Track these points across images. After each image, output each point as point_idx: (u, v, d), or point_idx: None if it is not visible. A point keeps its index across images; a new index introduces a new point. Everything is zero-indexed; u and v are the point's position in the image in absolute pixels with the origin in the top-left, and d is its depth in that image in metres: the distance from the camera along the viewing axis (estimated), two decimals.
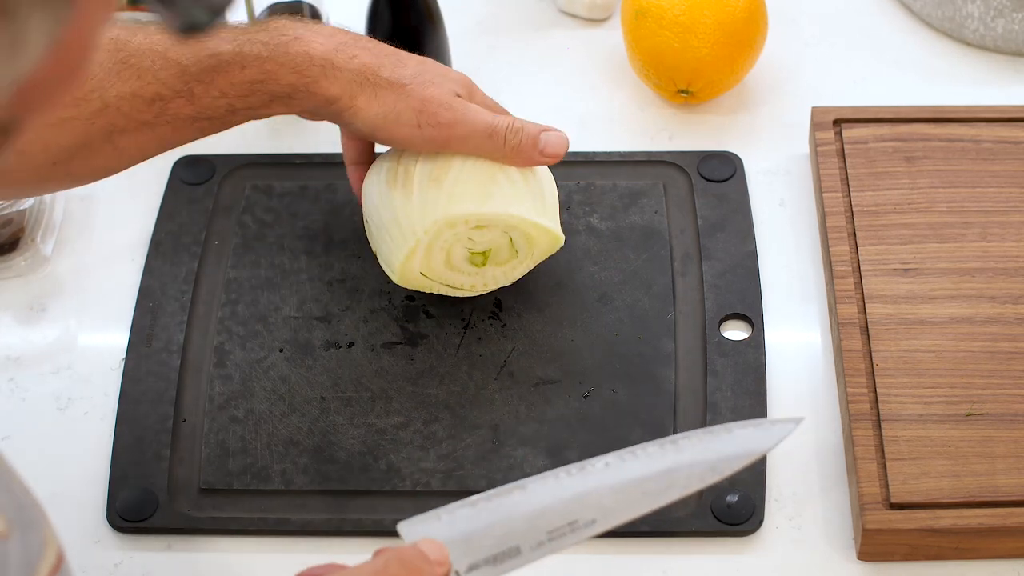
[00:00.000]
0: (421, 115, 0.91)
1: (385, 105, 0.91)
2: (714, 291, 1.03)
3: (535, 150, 0.94)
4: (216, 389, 0.99)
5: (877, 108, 1.10)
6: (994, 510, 0.89)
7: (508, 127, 0.93)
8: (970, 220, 1.03)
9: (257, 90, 0.90)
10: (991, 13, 1.17)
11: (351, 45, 0.92)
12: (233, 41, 0.90)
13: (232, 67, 0.89)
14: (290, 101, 0.92)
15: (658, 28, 1.11)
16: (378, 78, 0.91)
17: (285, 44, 0.90)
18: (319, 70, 0.90)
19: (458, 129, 0.92)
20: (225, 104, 0.90)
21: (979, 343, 0.97)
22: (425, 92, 0.92)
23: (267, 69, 0.90)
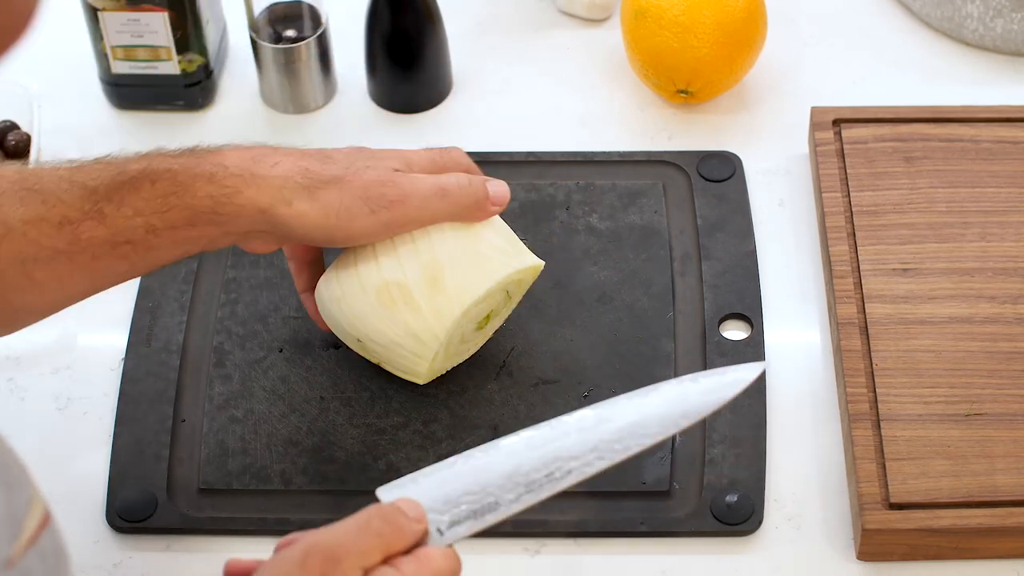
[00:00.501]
0: (369, 201, 0.87)
1: (330, 203, 0.86)
2: (713, 291, 1.03)
3: (487, 202, 0.91)
4: (215, 389, 0.99)
5: (876, 108, 1.10)
6: (993, 510, 0.89)
7: (456, 184, 0.90)
8: (969, 220, 1.03)
9: (173, 204, 0.84)
10: (990, 13, 1.17)
11: (270, 154, 0.87)
12: (141, 160, 0.86)
13: (142, 182, 0.84)
14: (217, 218, 0.84)
15: (657, 28, 1.11)
16: (310, 179, 0.86)
17: (197, 157, 0.86)
18: (238, 180, 0.85)
19: (411, 202, 0.88)
20: (142, 224, 0.83)
21: (978, 343, 0.97)
22: (364, 178, 0.87)
23: (179, 181, 0.84)
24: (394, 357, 0.92)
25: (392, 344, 0.91)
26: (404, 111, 1.17)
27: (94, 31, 1.12)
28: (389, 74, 1.15)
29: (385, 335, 0.91)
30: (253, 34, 1.14)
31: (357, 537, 0.71)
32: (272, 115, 1.17)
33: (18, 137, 1.08)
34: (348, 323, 0.92)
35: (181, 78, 1.15)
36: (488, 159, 1.11)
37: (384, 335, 0.91)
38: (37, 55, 1.21)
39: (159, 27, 1.11)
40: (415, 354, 0.91)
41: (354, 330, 0.92)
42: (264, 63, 1.15)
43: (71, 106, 1.17)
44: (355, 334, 0.92)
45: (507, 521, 0.90)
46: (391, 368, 0.94)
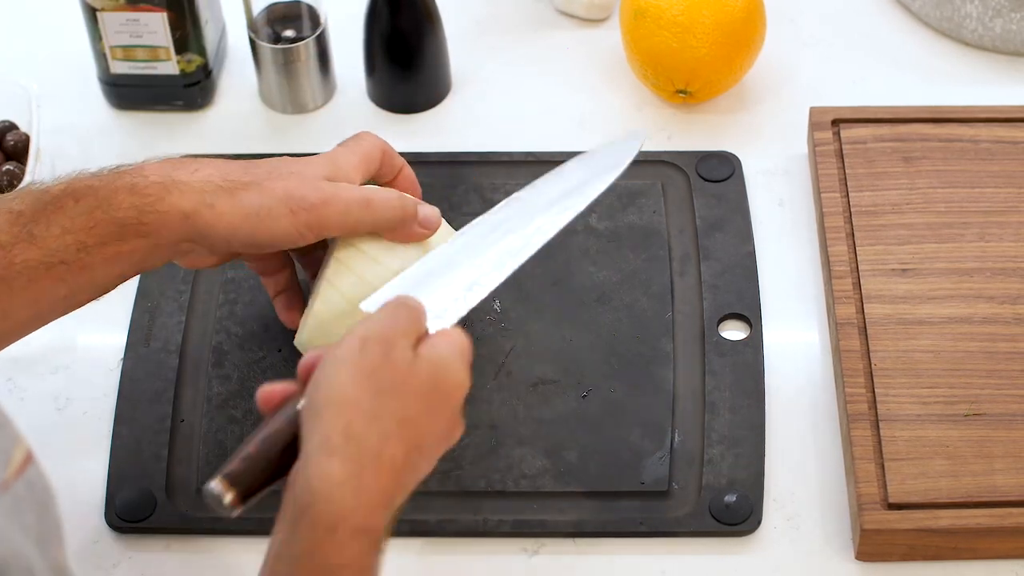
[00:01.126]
0: (290, 201, 0.87)
1: (250, 203, 0.87)
2: (712, 291, 1.03)
3: (415, 221, 0.91)
4: (215, 389, 0.99)
5: (875, 108, 1.10)
6: (992, 510, 0.89)
7: (383, 198, 0.90)
8: (968, 220, 1.03)
9: (99, 219, 0.85)
10: (989, 13, 1.17)
11: (190, 162, 0.88)
12: (63, 181, 0.87)
13: (65, 201, 0.85)
14: (143, 228, 0.85)
15: (656, 28, 1.11)
16: (231, 182, 0.87)
17: (117, 173, 0.87)
18: (159, 187, 0.86)
19: (333, 205, 0.88)
20: (73, 242, 0.84)
21: (977, 343, 0.97)
22: (287, 182, 0.88)
23: (101, 196, 0.85)
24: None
25: None
26: (403, 111, 1.17)
27: (93, 31, 1.12)
28: (388, 74, 1.15)
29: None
30: (252, 34, 1.14)
31: (397, 320, 0.79)
32: (271, 115, 1.17)
33: (17, 137, 1.08)
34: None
35: (180, 78, 1.15)
36: (487, 159, 1.11)
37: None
38: (36, 55, 1.21)
39: (158, 27, 1.11)
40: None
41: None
42: (263, 63, 1.15)
43: (70, 106, 1.17)
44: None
45: (505, 521, 0.90)
46: None
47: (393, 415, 0.75)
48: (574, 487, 0.94)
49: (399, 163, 0.96)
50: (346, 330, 0.86)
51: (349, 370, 0.75)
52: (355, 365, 0.75)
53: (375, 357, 0.76)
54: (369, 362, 0.75)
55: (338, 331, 0.91)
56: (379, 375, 0.75)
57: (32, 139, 1.06)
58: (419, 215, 0.91)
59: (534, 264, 1.03)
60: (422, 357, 0.78)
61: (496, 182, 1.09)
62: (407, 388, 0.76)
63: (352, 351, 0.76)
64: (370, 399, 0.74)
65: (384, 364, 0.76)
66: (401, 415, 0.75)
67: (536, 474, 0.94)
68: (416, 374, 0.77)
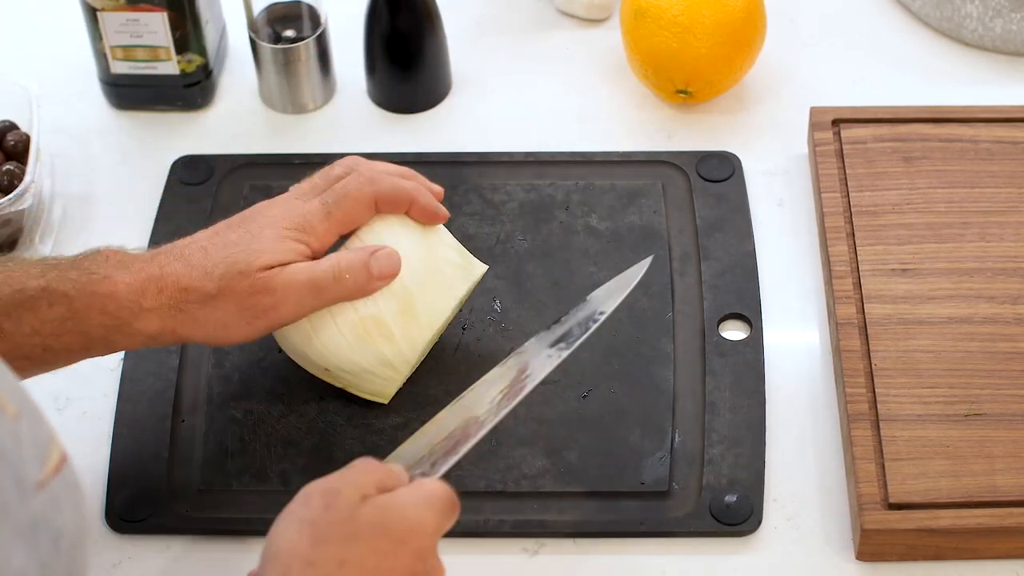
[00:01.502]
0: (245, 313, 0.89)
1: (208, 320, 0.89)
2: (713, 291, 1.03)
3: (371, 279, 0.91)
4: (215, 389, 0.99)
5: (876, 108, 1.10)
6: (992, 510, 0.89)
7: (334, 272, 0.90)
8: (968, 220, 1.03)
9: (69, 329, 0.87)
10: (989, 13, 1.17)
11: (156, 279, 0.88)
12: (42, 277, 0.87)
13: (39, 303, 0.86)
14: (110, 344, 0.89)
15: (657, 28, 1.11)
16: (190, 301, 0.88)
17: (93, 283, 0.88)
18: (128, 312, 0.88)
19: (286, 306, 0.89)
20: (40, 343, 0.87)
21: (977, 343, 0.97)
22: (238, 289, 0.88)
23: (75, 308, 0.87)
24: (363, 383, 0.94)
25: (363, 372, 0.93)
26: (403, 111, 1.17)
27: (93, 31, 1.12)
28: (388, 74, 1.15)
29: (358, 365, 0.93)
30: (252, 34, 1.14)
31: (351, 474, 0.78)
32: (271, 115, 1.17)
33: (17, 137, 1.08)
34: (318, 356, 0.93)
35: (180, 78, 1.15)
36: (487, 159, 1.11)
37: (357, 365, 0.93)
38: (36, 55, 1.21)
39: (158, 27, 1.11)
40: (385, 379, 0.94)
41: (324, 361, 0.93)
42: (263, 63, 1.15)
43: (70, 106, 1.17)
44: (324, 364, 0.93)
45: (506, 521, 0.91)
46: (356, 391, 0.95)
47: (332, 559, 0.74)
48: (574, 487, 0.94)
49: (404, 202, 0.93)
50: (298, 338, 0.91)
51: (292, 521, 0.76)
52: (297, 515, 0.76)
53: (315, 507, 0.76)
54: (310, 511, 0.76)
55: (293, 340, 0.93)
56: (319, 523, 0.75)
57: (32, 139, 1.06)
58: (373, 272, 0.91)
59: (535, 264, 1.04)
60: (371, 502, 0.77)
61: (496, 182, 1.09)
62: (347, 532, 0.75)
63: (297, 504, 0.77)
64: (308, 547, 0.74)
65: (325, 513, 0.76)
66: (341, 557, 0.74)
67: (536, 474, 0.94)
68: (359, 517, 0.76)
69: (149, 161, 1.14)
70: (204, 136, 1.16)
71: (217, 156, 1.12)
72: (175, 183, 1.11)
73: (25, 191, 1.03)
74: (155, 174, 1.12)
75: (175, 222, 1.08)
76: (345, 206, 0.92)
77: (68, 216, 1.10)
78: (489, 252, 1.05)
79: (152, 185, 1.11)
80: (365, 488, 0.77)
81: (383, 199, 0.93)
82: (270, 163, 1.12)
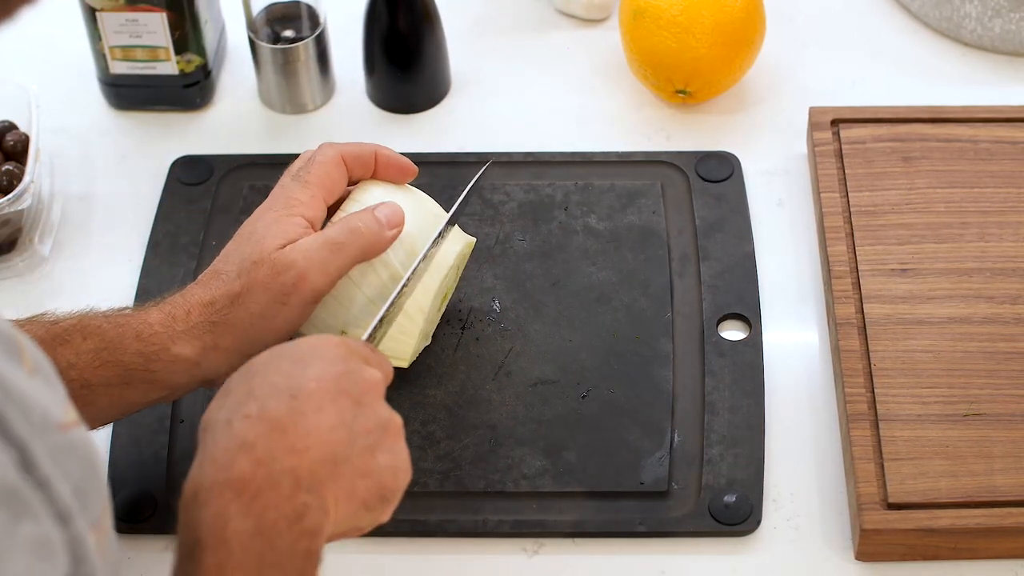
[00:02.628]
0: (276, 296, 0.88)
1: (243, 321, 0.88)
2: (712, 291, 1.03)
3: (383, 229, 0.91)
4: (215, 389, 0.98)
5: (875, 108, 1.10)
6: (992, 510, 0.89)
7: (347, 230, 0.90)
8: (968, 220, 1.03)
9: (106, 360, 0.86)
10: (989, 13, 1.17)
11: (181, 304, 0.89)
12: (73, 317, 0.88)
13: (73, 336, 0.86)
14: (150, 375, 0.87)
15: (656, 28, 1.11)
16: (217, 312, 0.88)
17: (125, 316, 0.88)
18: (162, 337, 0.87)
19: (311, 272, 0.89)
20: (78, 377, 0.86)
21: (977, 343, 0.97)
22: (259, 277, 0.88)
23: (109, 338, 0.87)
24: (383, 341, 0.93)
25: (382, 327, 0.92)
26: (402, 111, 1.17)
27: (92, 31, 1.12)
28: (387, 74, 1.15)
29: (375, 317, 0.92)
30: (251, 34, 1.14)
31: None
32: (270, 115, 1.17)
33: (16, 137, 1.08)
34: (333, 315, 0.92)
35: (179, 78, 1.15)
36: (486, 159, 1.11)
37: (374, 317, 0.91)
38: (36, 55, 1.21)
39: (157, 27, 1.11)
40: (404, 332, 0.92)
41: (339, 321, 0.92)
42: (262, 63, 1.15)
43: (70, 106, 1.17)
44: (340, 326, 0.92)
45: (505, 521, 0.91)
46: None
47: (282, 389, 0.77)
48: (574, 487, 0.94)
49: (368, 157, 0.94)
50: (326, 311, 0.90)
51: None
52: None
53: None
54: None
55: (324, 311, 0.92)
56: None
57: (32, 139, 1.06)
58: (382, 220, 0.91)
59: (534, 264, 1.04)
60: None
61: (496, 182, 1.09)
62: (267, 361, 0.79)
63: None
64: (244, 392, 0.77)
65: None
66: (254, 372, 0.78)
67: (536, 474, 0.94)
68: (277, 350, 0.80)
69: (148, 161, 1.14)
70: (203, 136, 1.16)
71: (216, 156, 1.12)
72: (174, 183, 1.11)
73: (24, 191, 1.03)
74: (154, 174, 1.12)
75: (174, 222, 1.08)
76: (315, 170, 0.92)
77: (67, 216, 1.10)
78: (488, 252, 1.05)
79: (151, 185, 1.11)
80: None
81: (349, 156, 0.93)
82: (269, 163, 1.12)
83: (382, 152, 0.94)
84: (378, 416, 0.79)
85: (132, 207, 1.11)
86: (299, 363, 0.78)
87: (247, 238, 0.90)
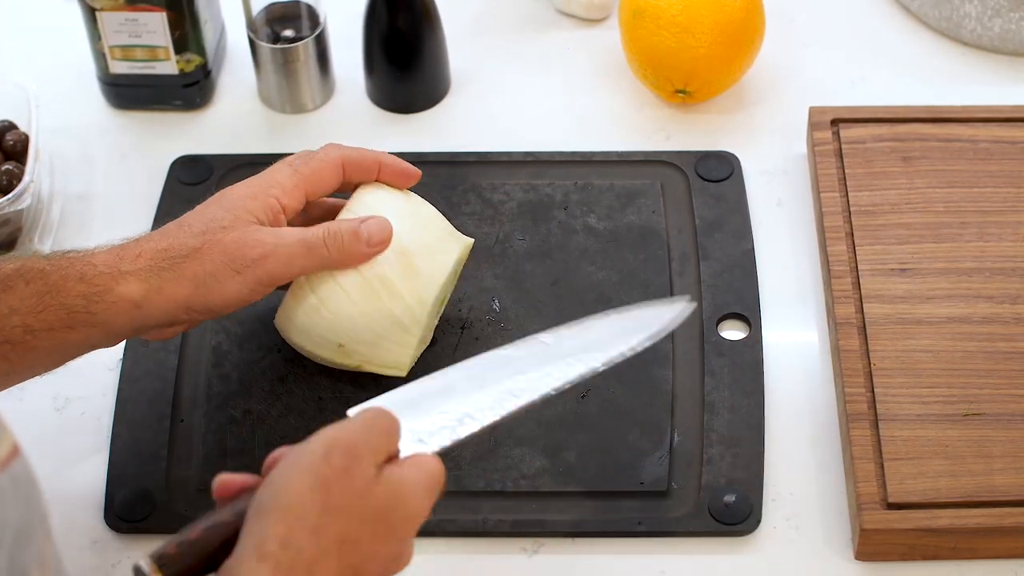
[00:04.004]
0: (233, 263, 0.88)
1: (195, 275, 0.87)
2: (712, 291, 1.03)
3: (361, 245, 0.91)
4: (214, 389, 0.99)
5: (874, 108, 1.10)
6: (991, 510, 0.89)
7: (324, 235, 0.90)
8: (967, 220, 1.03)
9: (48, 304, 0.85)
10: (988, 13, 1.17)
11: (132, 247, 0.88)
12: (16, 260, 0.87)
13: (16, 281, 0.85)
14: (92, 318, 0.86)
15: (655, 28, 1.11)
16: (171, 258, 0.87)
17: (67, 258, 0.87)
18: (107, 278, 0.86)
19: (274, 258, 0.88)
20: (20, 323, 0.85)
21: (976, 343, 0.97)
22: (224, 240, 0.88)
23: (52, 281, 0.86)
24: (380, 353, 0.94)
25: (377, 339, 0.93)
26: (402, 111, 1.17)
27: (92, 31, 1.12)
28: (387, 74, 1.15)
29: (371, 330, 0.92)
30: (251, 34, 1.14)
31: (369, 435, 0.76)
32: (270, 115, 1.17)
33: (16, 137, 1.08)
34: (329, 328, 0.92)
35: (179, 78, 1.15)
36: (486, 159, 1.11)
37: (370, 331, 0.92)
38: (35, 55, 1.21)
39: (157, 27, 1.11)
40: (400, 344, 0.93)
41: (336, 333, 0.92)
42: (262, 63, 1.15)
43: (69, 106, 1.17)
44: (337, 339, 0.93)
45: (505, 521, 0.91)
46: (372, 367, 0.95)
47: (337, 534, 0.72)
48: (573, 487, 0.94)
49: (371, 164, 0.95)
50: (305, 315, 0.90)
51: (304, 477, 0.73)
52: (312, 473, 0.73)
53: (335, 468, 0.73)
54: (328, 472, 0.73)
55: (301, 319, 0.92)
56: (334, 489, 0.73)
57: (31, 139, 1.06)
58: (364, 237, 0.91)
59: (533, 264, 1.04)
60: (383, 480, 0.75)
61: (495, 182, 1.09)
62: (358, 509, 0.73)
63: (314, 457, 0.73)
64: (317, 513, 0.72)
65: (342, 478, 0.73)
66: (344, 535, 0.72)
67: (535, 474, 0.94)
68: (372, 496, 0.74)
69: (148, 161, 1.14)
70: (203, 136, 1.16)
71: (216, 156, 1.12)
72: (174, 183, 1.11)
73: (24, 191, 1.03)
74: (154, 174, 1.12)
75: None
76: (312, 165, 0.93)
77: (67, 216, 1.10)
78: (488, 252, 1.05)
79: (151, 185, 1.11)
80: (381, 455, 0.76)
81: (350, 162, 0.94)
82: (269, 163, 1.11)
83: (386, 160, 0.95)
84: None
85: (132, 207, 1.11)
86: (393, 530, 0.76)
87: (219, 203, 0.91)
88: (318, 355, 0.95)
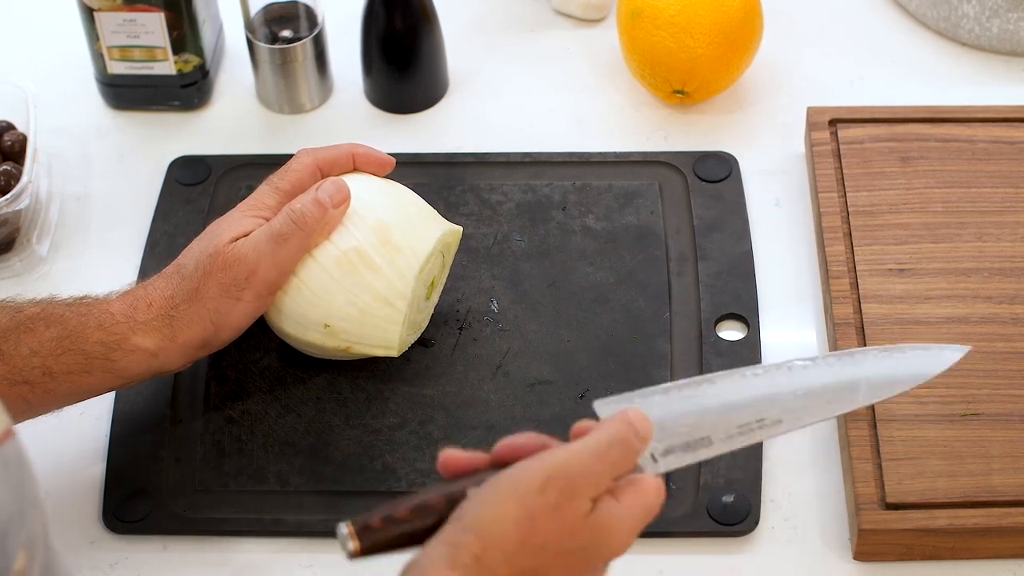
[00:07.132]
0: (230, 291, 0.91)
1: (202, 315, 0.91)
2: (710, 291, 1.03)
3: (325, 209, 0.92)
4: (212, 390, 0.99)
5: (873, 108, 1.10)
6: (990, 510, 0.89)
7: (288, 216, 0.92)
8: (965, 220, 1.03)
9: (67, 348, 0.88)
10: (987, 13, 1.17)
11: (142, 296, 0.91)
12: (38, 305, 0.90)
13: (36, 324, 0.88)
14: (110, 364, 0.89)
15: (653, 28, 1.11)
16: (176, 307, 0.91)
17: (86, 304, 0.90)
18: (124, 327, 0.89)
19: (262, 266, 0.91)
20: (40, 365, 0.87)
21: (974, 343, 0.96)
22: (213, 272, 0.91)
23: (71, 327, 0.88)
24: (367, 331, 0.94)
25: (362, 316, 0.93)
26: (400, 111, 1.17)
27: (90, 31, 1.12)
28: (385, 74, 1.15)
29: (355, 306, 0.93)
30: (249, 34, 1.14)
31: (594, 466, 0.73)
32: (268, 115, 1.17)
33: (14, 137, 1.08)
34: (312, 307, 0.93)
35: (177, 78, 1.15)
36: (484, 160, 1.11)
37: (354, 307, 0.93)
38: (33, 55, 1.21)
39: (155, 27, 1.11)
40: (387, 320, 0.93)
41: (320, 314, 0.93)
42: (260, 63, 1.15)
43: (67, 106, 1.17)
44: (322, 319, 0.93)
45: None
46: (363, 348, 0.95)
47: (530, 567, 0.71)
48: None
49: (345, 159, 0.97)
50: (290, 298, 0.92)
51: (512, 507, 0.71)
52: (521, 504, 0.71)
53: (547, 504, 0.72)
54: (538, 507, 0.71)
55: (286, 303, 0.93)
56: (538, 525, 0.71)
57: (29, 139, 1.06)
58: (323, 200, 0.92)
59: (532, 265, 1.04)
60: (595, 517, 0.73)
61: (493, 183, 1.09)
62: (557, 546, 0.72)
63: (530, 487, 0.72)
64: (515, 544, 0.71)
65: (550, 516, 0.71)
66: (537, 569, 0.71)
67: None
68: (577, 535, 0.72)
69: (146, 161, 1.14)
70: (201, 136, 1.16)
71: (214, 156, 1.12)
72: (172, 183, 1.11)
73: (22, 191, 1.03)
74: (152, 174, 1.12)
75: (172, 222, 1.08)
76: (289, 177, 0.96)
77: (65, 216, 1.10)
78: (486, 252, 1.05)
79: (149, 185, 1.11)
80: (601, 487, 0.73)
81: (325, 162, 0.96)
82: (267, 163, 1.11)
83: (359, 151, 0.97)
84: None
85: (130, 207, 1.11)
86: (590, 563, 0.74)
87: (208, 235, 0.93)
88: (307, 341, 0.95)
